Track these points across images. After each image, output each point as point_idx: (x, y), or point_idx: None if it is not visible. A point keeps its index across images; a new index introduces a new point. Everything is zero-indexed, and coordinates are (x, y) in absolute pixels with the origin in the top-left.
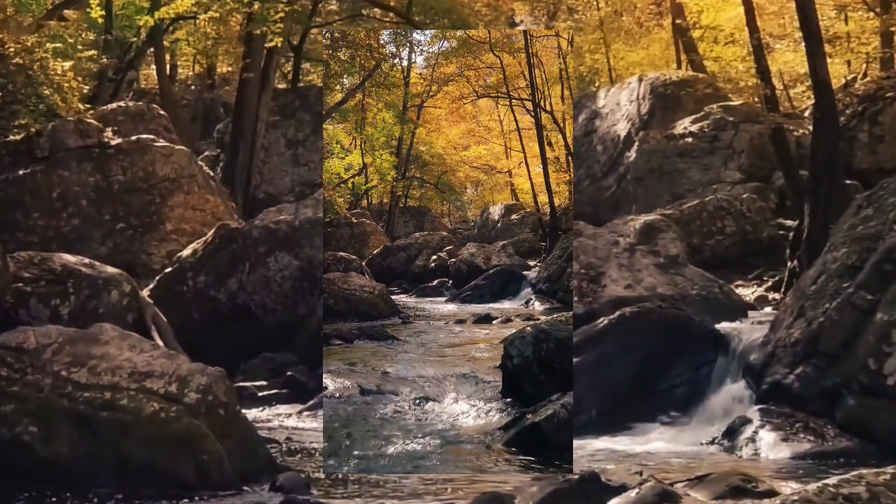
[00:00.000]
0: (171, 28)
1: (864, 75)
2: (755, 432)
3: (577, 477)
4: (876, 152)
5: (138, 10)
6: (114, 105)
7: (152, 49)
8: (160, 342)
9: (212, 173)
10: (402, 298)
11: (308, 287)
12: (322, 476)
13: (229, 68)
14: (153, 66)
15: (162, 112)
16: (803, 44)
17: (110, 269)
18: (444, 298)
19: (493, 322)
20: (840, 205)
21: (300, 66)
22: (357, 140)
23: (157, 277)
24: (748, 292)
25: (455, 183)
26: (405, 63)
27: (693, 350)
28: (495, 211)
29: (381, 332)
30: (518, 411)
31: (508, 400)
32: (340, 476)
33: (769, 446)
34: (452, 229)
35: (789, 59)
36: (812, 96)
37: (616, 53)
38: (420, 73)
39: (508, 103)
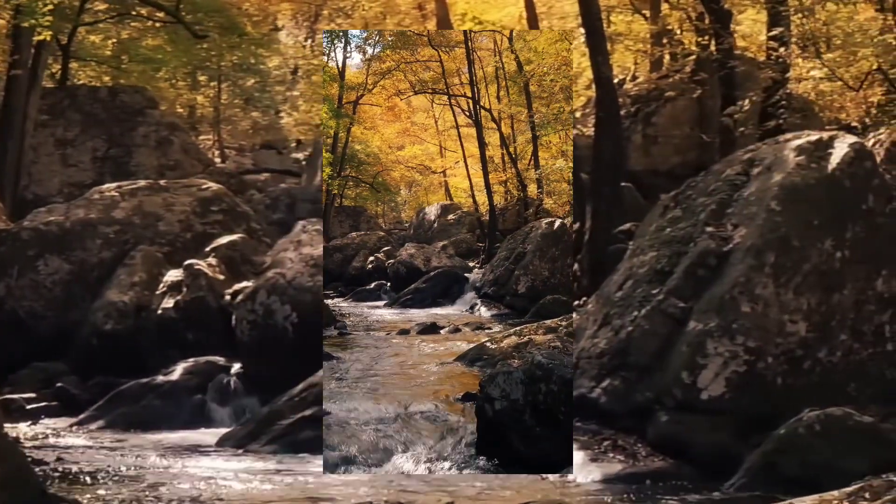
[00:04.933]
0: None
1: (634, 77)
2: None
3: None
4: (650, 154)
5: None
6: None
7: None
8: None
9: None
10: (338, 303)
11: (80, 292)
12: None
13: None
14: None
15: None
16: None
17: None
18: (382, 302)
19: (441, 331)
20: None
21: (69, 64)
22: None
23: None
24: None
25: (390, 183)
26: (339, 58)
27: None
28: (431, 211)
29: None
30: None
31: (485, 460)
32: None
33: (577, 467)
34: (387, 230)
35: None
36: (574, 97)
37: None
38: (361, 57)
39: (446, 101)
